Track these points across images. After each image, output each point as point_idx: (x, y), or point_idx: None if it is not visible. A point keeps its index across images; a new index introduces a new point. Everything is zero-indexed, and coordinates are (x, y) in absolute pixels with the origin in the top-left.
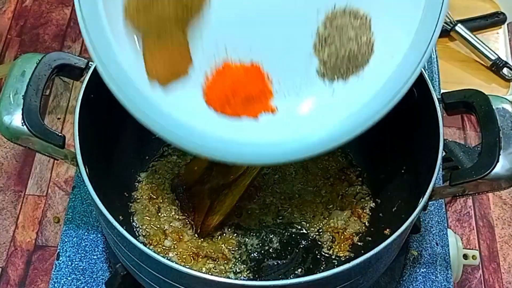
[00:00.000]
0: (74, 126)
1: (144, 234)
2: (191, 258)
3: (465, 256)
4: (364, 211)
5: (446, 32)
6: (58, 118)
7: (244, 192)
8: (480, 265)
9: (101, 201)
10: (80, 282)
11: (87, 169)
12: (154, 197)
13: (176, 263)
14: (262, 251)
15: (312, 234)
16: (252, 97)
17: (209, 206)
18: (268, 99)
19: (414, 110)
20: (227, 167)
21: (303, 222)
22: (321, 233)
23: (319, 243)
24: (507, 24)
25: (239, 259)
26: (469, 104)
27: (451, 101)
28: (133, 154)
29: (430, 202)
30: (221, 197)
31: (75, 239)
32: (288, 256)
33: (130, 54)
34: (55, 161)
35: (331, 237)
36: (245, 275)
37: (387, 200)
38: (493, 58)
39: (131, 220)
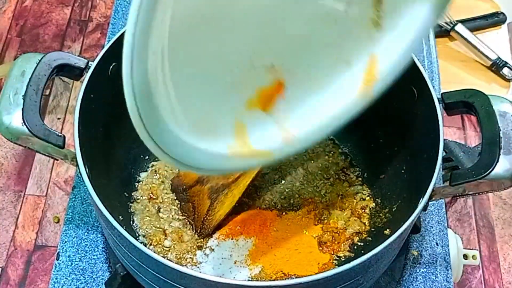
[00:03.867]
0: (74, 126)
1: (144, 234)
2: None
3: (465, 256)
4: (364, 211)
5: (446, 32)
6: (58, 118)
7: (244, 192)
8: (480, 265)
9: (101, 201)
10: (80, 282)
11: (87, 169)
12: (154, 197)
13: (176, 263)
14: None
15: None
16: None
17: (209, 206)
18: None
19: (414, 110)
20: None
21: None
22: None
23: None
24: (507, 24)
25: None
26: (469, 104)
27: (451, 101)
28: (133, 154)
29: (430, 202)
30: (221, 197)
31: (75, 239)
32: None
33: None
34: (55, 161)
35: (331, 237)
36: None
37: (387, 200)
38: (493, 58)
39: (131, 220)
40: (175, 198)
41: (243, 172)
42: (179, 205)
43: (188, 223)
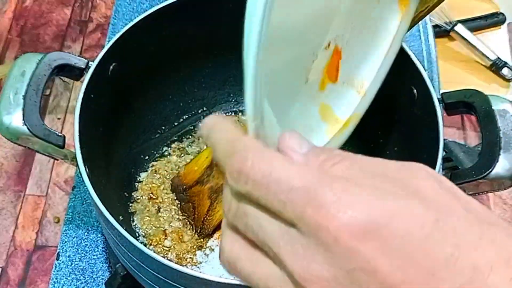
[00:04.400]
0: (74, 126)
1: (144, 234)
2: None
3: None
4: None
5: (446, 32)
6: (58, 118)
7: None
8: None
9: (101, 201)
10: (80, 282)
11: (87, 169)
12: (154, 197)
13: (176, 263)
14: None
15: None
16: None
17: (209, 206)
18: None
19: (414, 110)
20: None
21: None
22: None
23: None
24: (507, 24)
25: None
26: (469, 104)
27: (451, 101)
28: (133, 154)
29: None
30: (221, 197)
31: (75, 239)
32: None
33: None
34: (55, 161)
35: None
36: None
37: None
38: (493, 58)
39: (131, 220)
40: (175, 198)
41: None
42: (179, 205)
43: (188, 223)
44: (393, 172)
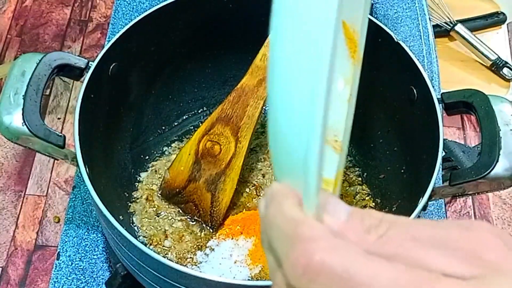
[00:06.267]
0: (74, 126)
1: (144, 234)
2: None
3: None
4: None
5: (446, 32)
6: (58, 118)
7: (241, 173)
8: None
9: (101, 201)
10: (80, 282)
11: (87, 169)
12: (153, 199)
13: (176, 263)
14: None
15: None
16: None
17: (212, 198)
18: None
19: (414, 110)
20: (215, 157)
21: None
22: None
23: None
24: (507, 24)
25: None
26: (469, 104)
27: (451, 101)
28: (133, 154)
29: (430, 202)
30: (220, 186)
31: (75, 239)
32: None
33: None
34: (55, 161)
35: None
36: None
37: (387, 200)
38: (493, 58)
39: (131, 220)
40: (173, 204)
41: (233, 155)
42: (179, 208)
43: (188, 223)
44: (453, 239)
